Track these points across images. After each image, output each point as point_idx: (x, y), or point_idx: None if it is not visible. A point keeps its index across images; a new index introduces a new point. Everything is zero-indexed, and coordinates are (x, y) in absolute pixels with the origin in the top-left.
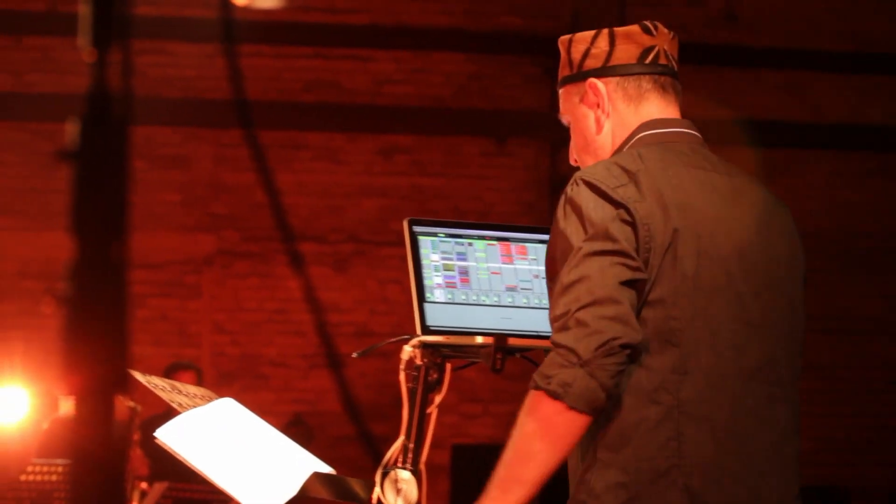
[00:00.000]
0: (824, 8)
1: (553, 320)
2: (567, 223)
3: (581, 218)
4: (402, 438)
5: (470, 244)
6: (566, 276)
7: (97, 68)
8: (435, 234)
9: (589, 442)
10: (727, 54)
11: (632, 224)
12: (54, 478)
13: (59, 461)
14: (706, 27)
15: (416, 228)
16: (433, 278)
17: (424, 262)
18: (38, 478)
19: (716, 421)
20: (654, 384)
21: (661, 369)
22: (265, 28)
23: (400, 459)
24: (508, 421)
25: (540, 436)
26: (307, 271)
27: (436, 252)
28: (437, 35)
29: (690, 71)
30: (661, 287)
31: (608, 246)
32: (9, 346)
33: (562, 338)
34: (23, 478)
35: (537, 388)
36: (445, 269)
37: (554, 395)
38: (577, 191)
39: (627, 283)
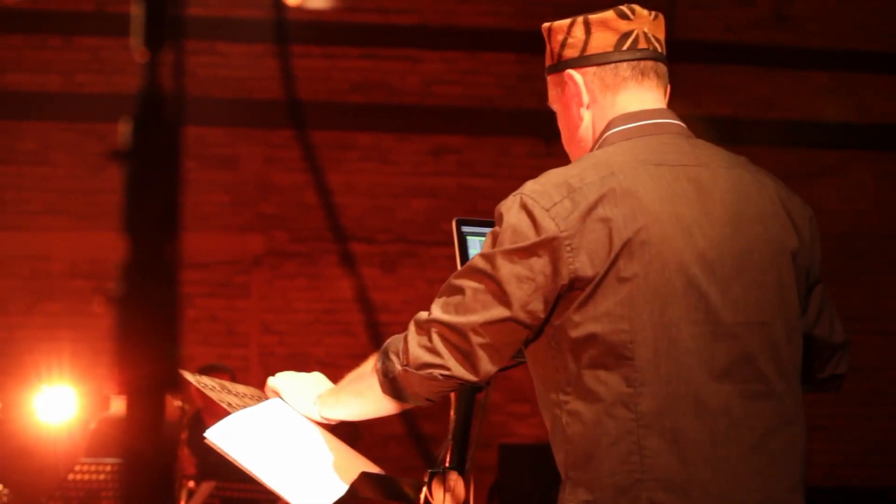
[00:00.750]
0: (873, 9)
1: (428, 309)
2: (490, 231)
3: (496, 234)
4: (449, 438)
5: None
6: (454, 277)
7: (150, 69)
8: (483, 235)
9: (563, 460)
10: (776, 55)
11: (549, 250)
12: (102, 477)
13: (107, 460)
14: (755, 28)
15: (465, 228)
16: None
17: None
18: (86, 477)
19: (680, 431)
20: (612, 399)
21: (616, 383)
22: (314, 28)
23: (448, 459)
24: None
25: (364, 393)
26: (356, 272)
27: None
28: (487, 35)
29: (739, 71)
30: (606, 301)
31: (488, 270)
32: (57, 346)
33: (411, 333)
34: (70, 477)
35: (379, 355)
36: None
37: (379, 375)
38: (508, 206)
39: (492, 322)
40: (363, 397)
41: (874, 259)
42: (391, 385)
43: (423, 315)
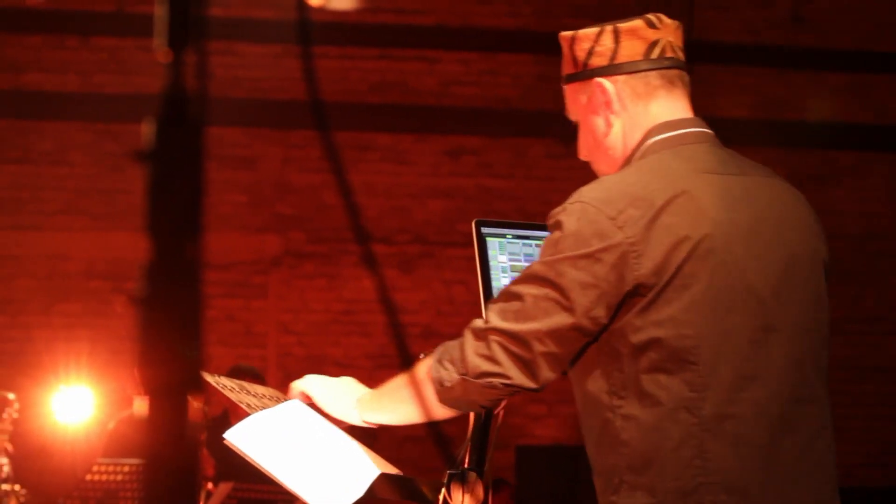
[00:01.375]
0: (891, 10)
1: (482, 317)
2: (547, 239)
3: (556, 242)
4: (468, 439)
5: (538, 245)
6: (512, 284)
7: (173, 69)
8: (503, 236)
9: (615, 464)
10: (793, 56)
11: (615, 256)
12: (120, 477)
13: (125, 461)
14: (773, 29)
15: (484, 230)
16: (501, 280)
17: (492, 263)
18: (104, 477)
19: (739, 435)
20: (674, 403)
21: (679, 388)
22: (332, 29)
23: (466, 460)
24: (573, 423)
25: (414, 399)
26: (373, 272)
27: (503, 253)
28: (505, 36)
29: (756, 72)
30: (671, 307)
31: (551, 276)
32: (75, 346)
33: (467, 340)
34: (88, 477)
35: (432, 362)
36: (513, 271)
37: (433, 382)
38: (569, 212)
39: (554, 330)
40: (412, 404)
41: (890, 260)
42: (447, 393)
43: (479, 323)
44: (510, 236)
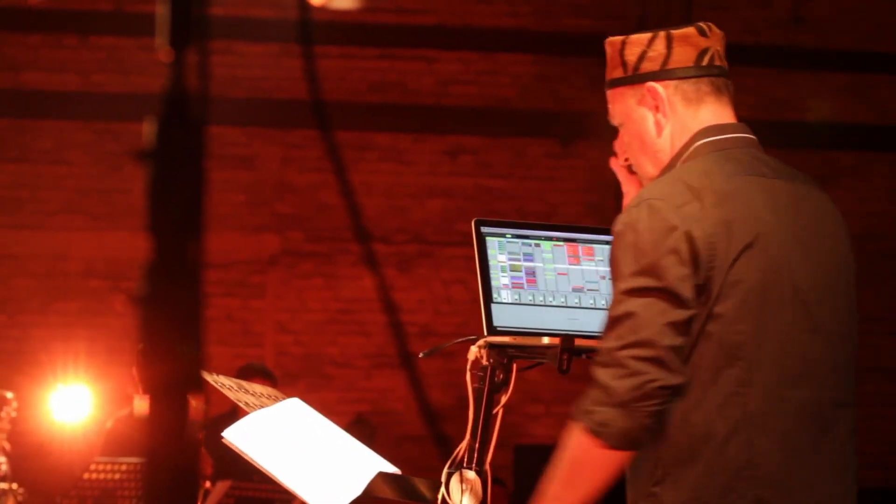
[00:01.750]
0: (891, 10)
1: (599, 352)
2: (620, 247)
3: (635, 245)
4: (467, 438)
5: (537, 245)
6: (613, 309)
7: (175, 69)
8: (502, 235)
9: (658, 456)
10: (793, 56)
11: (691, 246)
12: (117, 476)
13: (123, 459)
14: (773, 29)
15: (484, 229)
16: (500, 279)
17: (492, 262)
18: (101, 476)
19: (783, 432)
20: (722, 398)
21: (727, 383)
22: (332, 29)
23: (465, 459)
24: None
25: (581, 467)
26: (372, 271)
27: (503, 253)
28: (504, 36)
29: (756, 73)
30: (726, 302)
31: (653, 283)
32: (73, 345)
33: (601, 375)
34: (86, 476)
35: (579, 421)
36: (512, 270)
37: (593, 433)
38: (637, 214)
39: (673, 324)
40: (582, 475)
41: (890, 261)
42: (610, 431)
43: (603, 356)
44: (510, 236)
